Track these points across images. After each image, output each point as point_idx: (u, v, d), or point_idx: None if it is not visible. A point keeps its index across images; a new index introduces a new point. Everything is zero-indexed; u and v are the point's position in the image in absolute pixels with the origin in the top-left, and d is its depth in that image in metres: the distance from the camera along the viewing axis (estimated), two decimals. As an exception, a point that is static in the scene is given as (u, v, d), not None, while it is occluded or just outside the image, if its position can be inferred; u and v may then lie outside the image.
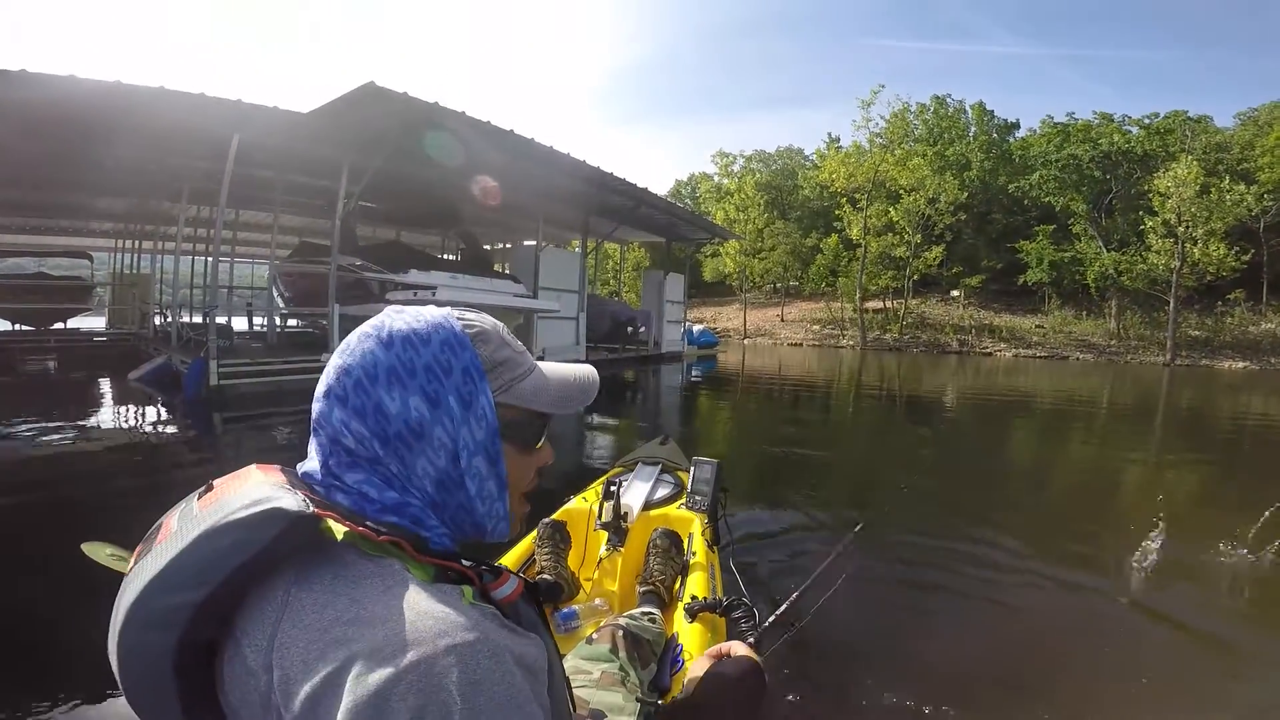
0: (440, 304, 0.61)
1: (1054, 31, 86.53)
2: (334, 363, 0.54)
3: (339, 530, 0.46)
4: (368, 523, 0.49)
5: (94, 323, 17.03)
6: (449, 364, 0.54)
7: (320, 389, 0.54)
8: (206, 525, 0.45)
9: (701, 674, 0.82)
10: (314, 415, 0.54)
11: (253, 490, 0.48)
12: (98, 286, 16.55)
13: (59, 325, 15.01)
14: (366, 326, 0.56)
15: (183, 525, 0.47)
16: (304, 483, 0.53)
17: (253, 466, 0.54)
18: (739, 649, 0.91)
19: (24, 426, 5.79)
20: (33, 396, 8.12)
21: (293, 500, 0.46)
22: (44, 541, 3.00)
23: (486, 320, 0.60)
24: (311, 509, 0.46)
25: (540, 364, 0.63)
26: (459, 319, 0.57)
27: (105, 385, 9.20)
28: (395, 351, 0.53)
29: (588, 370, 0.66)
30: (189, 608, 0.43)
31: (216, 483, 0.52)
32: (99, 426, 6.21)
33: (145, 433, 6.15)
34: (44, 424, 6.01)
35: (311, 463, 0.55)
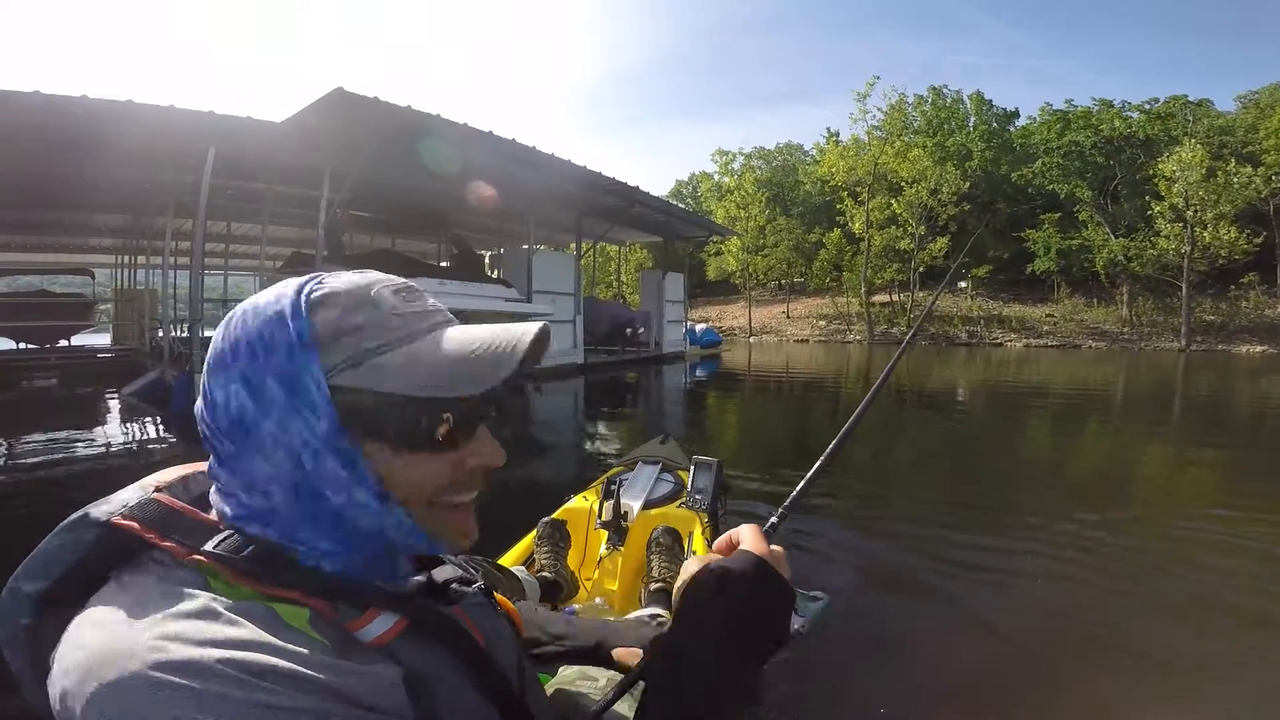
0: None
1: (1046, 21, 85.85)
2: None
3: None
4: (225, 533, 0.44)
5: (100, 339, 17.16)
6: (272, 338, 0.43)
7: None
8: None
9: (692, 576, 0.55)
10: None
11: (118, 492, 0.46)
12: (99, 303, 16.64)
13: (63, 343, 15.10)
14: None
15: None
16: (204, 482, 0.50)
17: (177, 466, 0.51)
18: (746, 537, 0.56)
19: (5, 442, 5.80)
20: (24, 412, 8.14)
21: (112, 507, 0.44)
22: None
23: (359, 278, 0.47)
24: (114, 518, 0.43)
25: (451, 329, 0.48)
26: (318, 282, 0.46)
27: (97, 400, 9.21)
28: (227, 334, 0.45)
29: (514, 331, 0.47)
30: (33, 597, 0.43)
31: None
32: (77, 439, 6.18)
33: (122, 445, 6.11)
34: (23, 439, 6.00)
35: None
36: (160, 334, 13.13)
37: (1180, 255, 24.21)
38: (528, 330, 0.47)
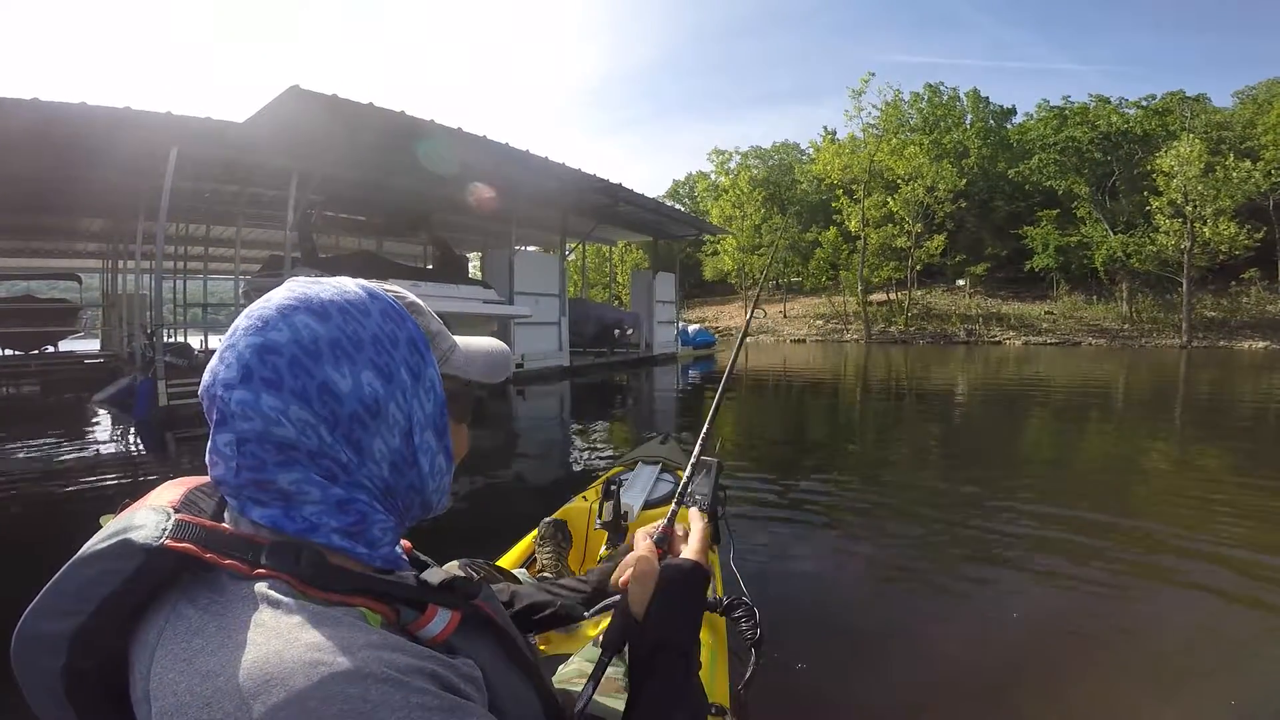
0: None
1: (1043, 18, 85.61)
2: (246, 342, 0.45)
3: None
4: (271, 545, 0.44)
5: (90, 345, 17.07)
6: (394, 335, 0.50)
7: (230, 374, 0.45)
8: (78, 554, 0.43)
9: (647, 601, 0.67)
10: (228, 405, 0.45)
11: (129, 516, 0.45)
12: (85, 308, 16.54)
13: (49, 349, 15.00)
14: (283, 299, 0.47)
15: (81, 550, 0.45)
16: (215, 495, 0.49)
17: (168, 482, 0.51)
18: (694, 544, 0.74)
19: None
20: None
21: (150, 530, 0.43)
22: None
23: (408, 293, 0.56)
24: (163, 541, 0.42)
25: (460, 338, 0.60)
26: (386, 290, 0.53)
27: (72, 407, 9.09)
28: (336, 324, 0.47)
29: (496, 341, 0.63)
30: (64, 637, 0.41)
31: (132, 504, 0.49)
32: (48, 447, 6.04)
33: (91, 453, 5.96)
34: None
35: (219, 467, 0.46)
36: (136, 339, 13.03)
37: (1180, 251, 23.96)
38: (500, 341, 0.63)
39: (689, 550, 0.72)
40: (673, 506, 0.80)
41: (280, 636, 0.38)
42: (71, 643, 0.41)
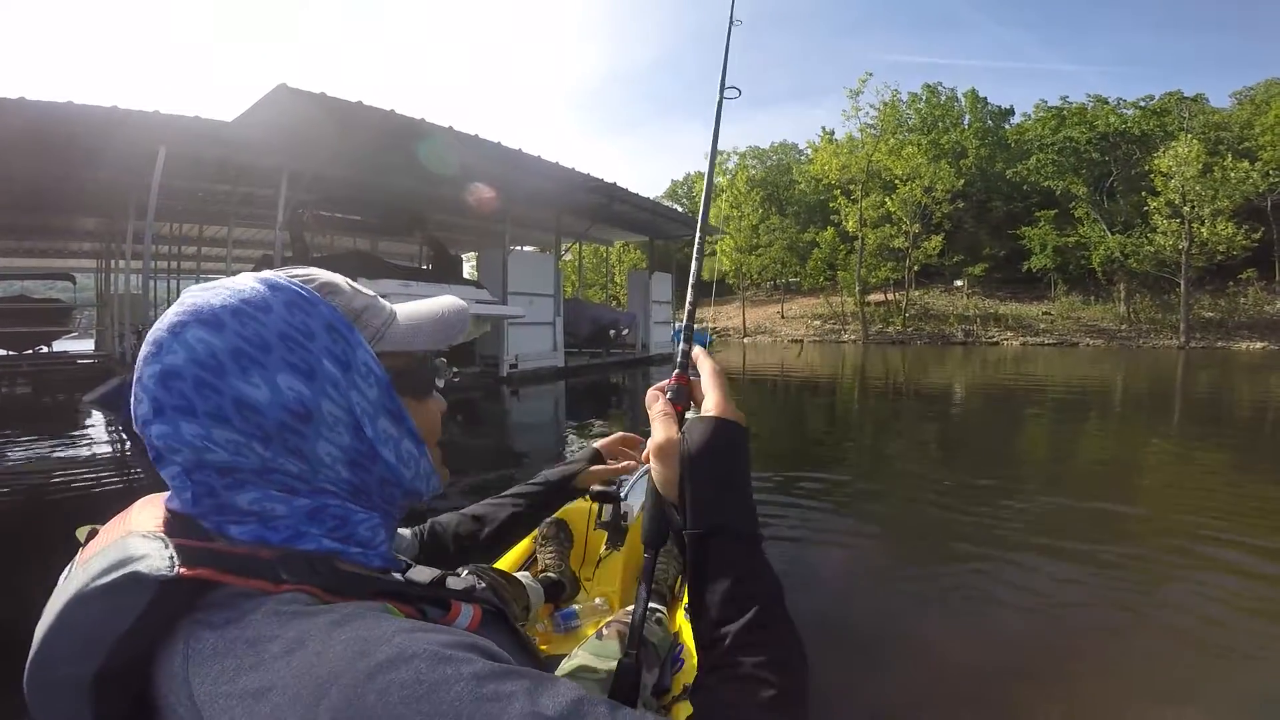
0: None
1: (1042, 18, 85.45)
2: (148, 372, 0.42)
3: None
4: (270, 559, 0.43)
5: (84, 345, 17.02)
6: (306, 325, 0.45)
7: (144, 409, 0.42)
8: (74, 590, 0.40)
9: (677, 481, 0.55)
10: (154, 443, 0.43)
11: (122, 545, 0.42)
12: (79, 308, 16.49)
13: (43, 349, 14.94)
14: (173, 316, 0.43)
15: (65, 583, 0.42)
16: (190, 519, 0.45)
17: (140, 501, 0.48)
18: (711, 393, 0.58)
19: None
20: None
21: (156, 560, 0.40)
22: None
23: (323, 272, 0.50)
24: (177, 570, 0.39)
25: (401, 305, 0.55)
26: (292, 276, 0.47)
27: (58, 407, 9.06)
28: (231, 330, 0.43)
29: (449, 298, 0.58)
30: (87, 679, 0.39)
31: (102, 529, 0.47)
32: (35, 446, 6.02)
33: (64, 451, 5.92)
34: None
35: (175, 501, 0.45)
36: (127, 339, 12.96)
37: (1178, 251, 23.97)
38: (454, 298, 0.58)
39: (708, 403, 0.57)
40: (680, 349, 0.64)
41: (314, 639, 0.37)
42: (95, 685, 0.39)
